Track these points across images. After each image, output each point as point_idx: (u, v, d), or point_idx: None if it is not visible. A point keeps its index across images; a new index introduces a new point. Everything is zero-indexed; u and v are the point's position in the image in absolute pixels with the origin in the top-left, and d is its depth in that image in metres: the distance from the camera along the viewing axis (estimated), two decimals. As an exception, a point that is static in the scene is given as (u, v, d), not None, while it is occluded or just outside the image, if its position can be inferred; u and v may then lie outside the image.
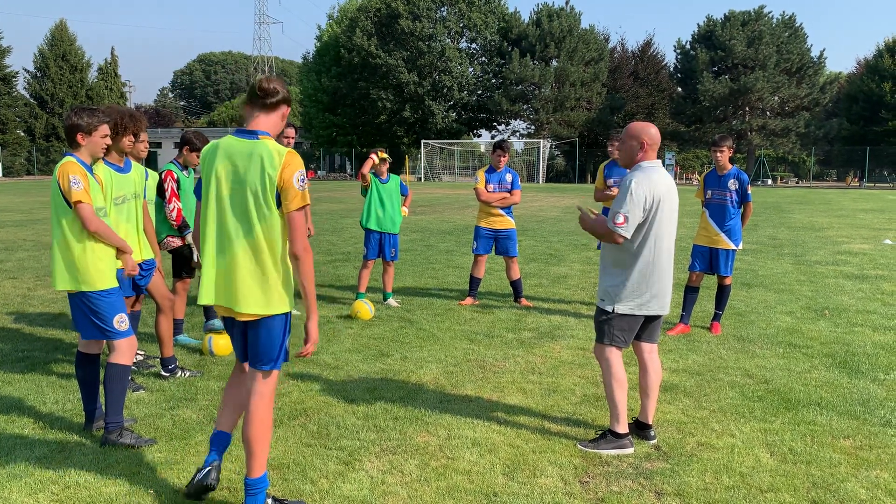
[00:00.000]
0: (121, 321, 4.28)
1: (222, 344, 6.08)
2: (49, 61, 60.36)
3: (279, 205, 3.21)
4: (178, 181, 6.27)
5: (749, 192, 7.16)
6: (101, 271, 4.23)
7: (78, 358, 4.45)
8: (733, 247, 7.19)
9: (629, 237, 4.16)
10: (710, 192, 7.28)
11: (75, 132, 4.27)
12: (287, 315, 3.34)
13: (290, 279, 3.33)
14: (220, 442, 3.58)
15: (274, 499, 3.48)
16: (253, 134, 3.26)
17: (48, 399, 4.98)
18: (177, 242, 6.32)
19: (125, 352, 4.29)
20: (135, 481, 3.74)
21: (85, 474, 3.82)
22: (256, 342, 3.30)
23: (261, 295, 3.24)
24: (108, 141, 4.38)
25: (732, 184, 7.12)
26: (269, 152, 3.19)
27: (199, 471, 3.52)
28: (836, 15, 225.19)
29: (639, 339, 4.44)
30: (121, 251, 4.42)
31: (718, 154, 7.14)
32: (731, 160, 7.25)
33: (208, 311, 6.97)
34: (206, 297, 3.33)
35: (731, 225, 7.16)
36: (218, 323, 6.88)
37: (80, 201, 4.11)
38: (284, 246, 3.29)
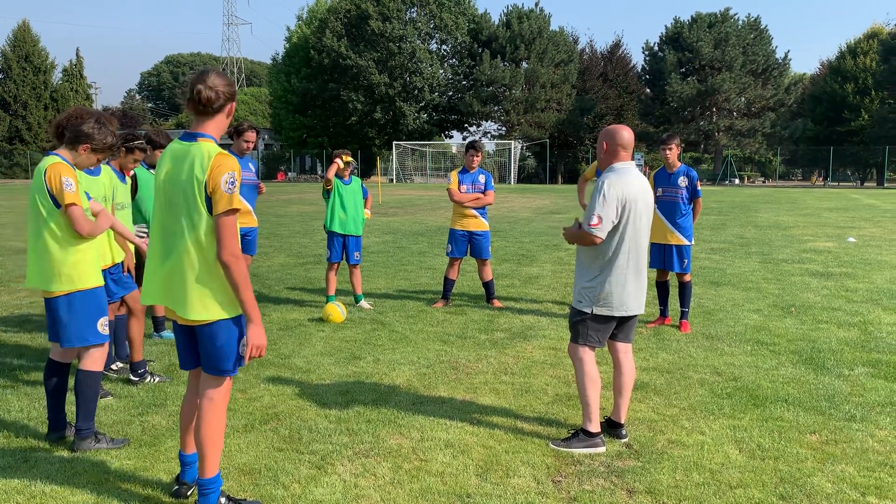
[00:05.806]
0: (104, 324, 4.21)
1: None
2: (11, 62, 59.18)
3: (210, 209, 3.14)
4: (134, 177, 6.08)
5: (698, 187, 7.35)
6: (88, 270, 4.16)
7: (50, 366, 4.32)
8: (686, 242, 7.32)
9: (604, 237, 4.19)
10: (660, 189, 7.41)
11: (85, 142, 4.17)
12: (230, 321, 3.26)
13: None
14: (184, 461, 3.65)
15: (228, 497, 3.48)
16: (192, 137, 3.23)
17: (13, 407, 4.87)
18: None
19: (98, 358, 4.21)
20: (102, 489, 3.68)
21: (51, 483, 3.75)
22: (202, 348, 3.31)
23: (197, 300, 3.19)
24: (97, 164, 4.40)
25: (682, 181, 7.28)
26: (201, 154, 3.14)
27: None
28: (800, 17, 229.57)
29: (614, 339, 4.47)
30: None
31: (667, 152, 7.32)
32: (679, 157, 7.44)
33: (157, 323, 6.85)
34: (148, 297, 3.35)
35: (682, 221, 7.31)
36: (167, 334, 6.77)
37: (73, 203, 4.03)
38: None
